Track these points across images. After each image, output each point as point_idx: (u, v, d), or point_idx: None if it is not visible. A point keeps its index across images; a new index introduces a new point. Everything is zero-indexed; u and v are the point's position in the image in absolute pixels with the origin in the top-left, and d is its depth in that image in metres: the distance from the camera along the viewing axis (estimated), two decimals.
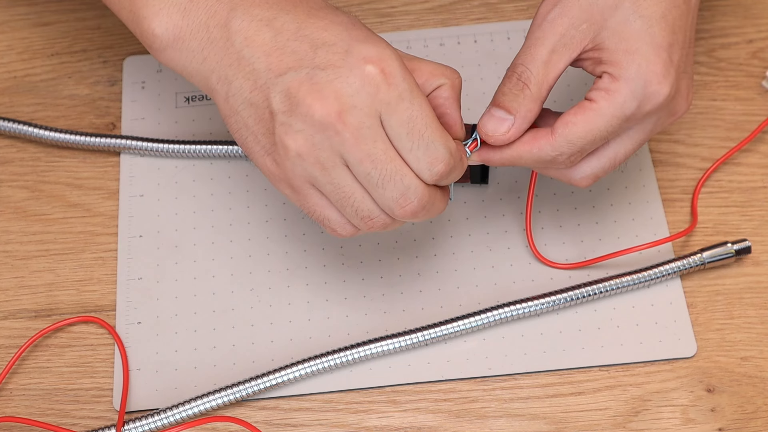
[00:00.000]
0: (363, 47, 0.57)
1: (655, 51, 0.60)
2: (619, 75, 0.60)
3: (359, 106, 0.57)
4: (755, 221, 0.73)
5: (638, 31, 0.60)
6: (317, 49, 0.57)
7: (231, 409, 0.68)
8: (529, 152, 0.62)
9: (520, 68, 0.61)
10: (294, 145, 0.58)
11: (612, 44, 0.61)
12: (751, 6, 0.81)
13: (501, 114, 0.62)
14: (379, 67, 0.57)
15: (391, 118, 0.57)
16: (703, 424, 0.67)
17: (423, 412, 0.68)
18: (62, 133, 0.76)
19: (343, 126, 0.57)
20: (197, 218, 0.74)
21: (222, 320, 0.71)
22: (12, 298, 0.72)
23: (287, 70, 0.58)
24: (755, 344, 0.69)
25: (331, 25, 0.58)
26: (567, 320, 0.70)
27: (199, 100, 0.78)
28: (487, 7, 0.82)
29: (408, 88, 0.57)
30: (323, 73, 0.57)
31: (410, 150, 0.58)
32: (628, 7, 0.60)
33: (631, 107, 0.61)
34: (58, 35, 0.82)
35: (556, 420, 0.67)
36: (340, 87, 0.57)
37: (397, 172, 0.58)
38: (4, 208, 0.75)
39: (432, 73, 0.61)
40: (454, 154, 0.59)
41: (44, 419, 0.68)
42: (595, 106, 0.61)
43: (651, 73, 0.60)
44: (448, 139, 0.59)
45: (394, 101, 0.57)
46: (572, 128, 0.61)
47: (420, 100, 0.57)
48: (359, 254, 0.72)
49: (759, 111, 0.77)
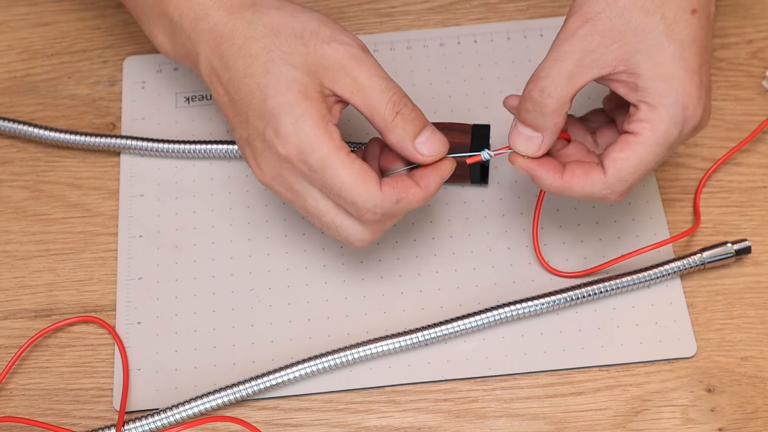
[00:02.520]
0: (275, 125, 0.61)
1: (689, 75, 0.60)
2: (658, 103, 0.60)
3: (284, 175, 0.63)
4: (755, 221, 0.73)
5: (672, 57, 0.60)
6: (248, 116, 0.62)
7: (231, 409, 0.68)
8: (581, 187, 0.63)
9: (544, 82, 0.61)
10: (273, 190, 0.65)
11: (646, 70, 0.60)
12: (751, 6, 0.81)
13: (529, 132, 0.63)
14: (287, 149, 0.61)
15: (314, 183, 0.62)
16: (703, 424, 0.67)
17: (423, 412, 0.68)
18: (62, 133, 0.76)
19: (278, 189, 0.64)
20: (197, 218, 0.74)
21: (222, 320, 0.71)
22: (12, 298, 0.72)
23: (236, 128, 0.64)
24: (755, 344, 0.69)
25: (255, 89, 0.62)
26: (567, 320, 0.70)
27: (199, 100, 0.78)
28: (487, 7, 0.82)
29: (317, 161, 0.61)
30: (255, 144, 0.63)
31: (340, 204, 0.62)
32: (661, 31, 0.60)
33: (674, 134, 0.61)
34: (58, 35, 0.82)
35: (556, 420, 0.67)
36: (265, 160, 0.63)
37: (332, 223, 0.64)
38: (4, 208, 0.75)
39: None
40: (378, 204, 0.61)
41: (44, 419, 0.68)
42: (640, 139, 0.61)
43: (688, 98, 0.60)
44: (368, 191, 0.61)
45: (308, 173, 0.61)
46: (623, 164, 0.61)
47: (332, 167, 0.61)
48: (359, 254, 0.72)
49: (759, 111, 0.77)
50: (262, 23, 0.62)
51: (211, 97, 0.78)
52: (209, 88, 0.65)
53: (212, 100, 0.78)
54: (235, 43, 0.62)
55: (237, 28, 0.63)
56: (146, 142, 0.75)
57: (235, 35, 0.62)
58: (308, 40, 0.62)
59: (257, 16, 0.62)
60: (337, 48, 0.62)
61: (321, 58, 0.61)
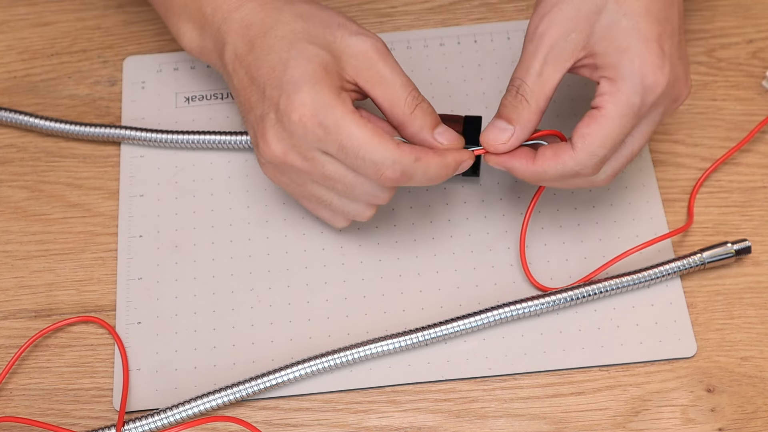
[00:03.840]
0: (291, 91, 0.62)
1: (645, 44, 0.62)
2: (616, 76, 0.62)
3: (297, 146, 0.63)
4: (755, 221, 0.73)
5: (626, 29, 0.62)
6: (265, 90, 0.64)
7: (231, 409, 0.68)
8: (553, 168, 0.64)
9: (517, 81, 0.64)
10: (270, 175, 0.68)
11: (603, 47, 0.63)
12: (751, 6, 0.81)
13: (502, 125, 0.65)
14: (302, 112, 0.62)
15: (328, 149, 0.63)
16: (703, 424, 0.67)
17: (423, 412, 0.68)
18: (62, 123, 0.76)
19: (292, 162, 0.64)
20: (197, 218, 0.74)
21: (222, 320, 0.71)
22: (12, 298, 0.72)
23: (251, 109, 0.66)
24: (755, 344, 0.69)
25: (277, 64, 0.63)
26: (567, 320, 0.70)
27: (199, 100, 0.78)
28: (487, 7, 0.82)
29: (332, 122, 0.62)
30: (268, 117, 0.64)
31: (357, 166, 0.63)
32: (611, 8, 0.63)
33: (636, 102, 0.62)
34: (58, 35, 0.82)
35: (556, 420, 0.67)
36: (278, 133, 0.64)
37: (356, 181, 0.64)
38: (4, 208, 0.75)
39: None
40: (397, 160, 0.62)
41: (44, 419, 0.68)
42: (603, 112, 0.63)
43: (646, 66, 0.62)
44: (386, 148, 0.62)
45: (323, 136, 0.62)
46: (590, 139, 0.63)
47: (347, 126, 0.62)
48: (359, 254, 0.73)
49: (759, 111, 0.77)
50: (293, 11, 0.65)
51: (211, 97, 0.78)
52: (228, 79, 0.67)
53: (212, 100, 0.78)
54: (263, 28, 0.65)
55: (268, 15, 0.65)
56: (146, 132, 0.76)
57: (265, 21, 0.65)
58: (336, 30, 0.64)
59: (288, 6, 0.66)
60: (364, 40, 0.64)
61: (347, 47, 0.64)
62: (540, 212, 0.74)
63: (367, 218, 0.68)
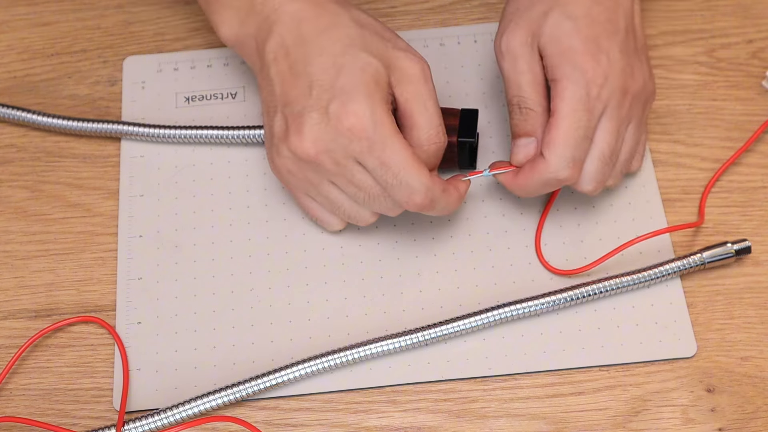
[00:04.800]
0: (344, 99, 0.63)
1: (583, 43, 0.66)
2: (561, 75, 0.66)
3: (334, 150, 0.64)
4: (755, 221, 0.73)
5: (568, 30, 0.66)
6: (312, 88, 0.65)
7: (231, 409, 0.68)
8: (532, 179, 0.67)
9: (515, 99, 0.68)
10: (282, 166, 0.68)
11: (550, 49, 0.67)
12: (751, 6, 0.81)
13: (524, 141, 0.68)
14: (354, 121, 0.63)
15: (366, 162, 0.64)
16: (703, 424, 0.67)
17: (423, 412, 0.68)
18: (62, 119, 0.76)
19: (321, 162, 0.65)
20: (197, 218, 0.74)
21: (222, 320, 0.71)
22: (12, 298, 0.72)
23: (289, 103, 0.66)
24: (755, 344, 0.69)
25: (330, 67, 0.64)
26: (567, 320, 0.70)
27: (199, 100, 0.78)
28: (487, 7, 0.82)
29: (380, 138, 0.63)
30: (309, 115, 0.64)
31: (389, 184, 0.65)
32: (556, 11, 0.67)
33: (582, 95, 0.65)
34: (58, 35, 0.82)
35: (556, 420, 0.67)
36: (318, 133, 0.64)
37: (381, 194, 0.66)
38: (4, 208, 0.75)
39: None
40: (431, 188, 0.64)
41: (44, 419, 0.68)
42: (557, 115, 0.66)
43: (585, 62, 0.65)
44: (423, 174, 0.64)
45: (366, 150, 0.64)
46: (553, 144, 0.66)
47: (393, 146, 0.63)
48: (359, 254, 0.73)
49: (759, 111, 0.77)
50: (349, 16, 0.67)
51: (211, 97, 0.78)
52: (264, 68, 0.68)
53: (212, 100, 0.78)
54: (318, 26, 0.66)
55: (323, 14, 0.66)
56: (147, 128, 0.76)
57: (320, 19, 0.66)
58: (388, 41, 0.67)
59: (344, 9, 0.67)
60: (411, 57, 0.66)
61: (396, 59, 0.66)
62: (540, 212, 0.74)
63: (367, 224, 0.70)
